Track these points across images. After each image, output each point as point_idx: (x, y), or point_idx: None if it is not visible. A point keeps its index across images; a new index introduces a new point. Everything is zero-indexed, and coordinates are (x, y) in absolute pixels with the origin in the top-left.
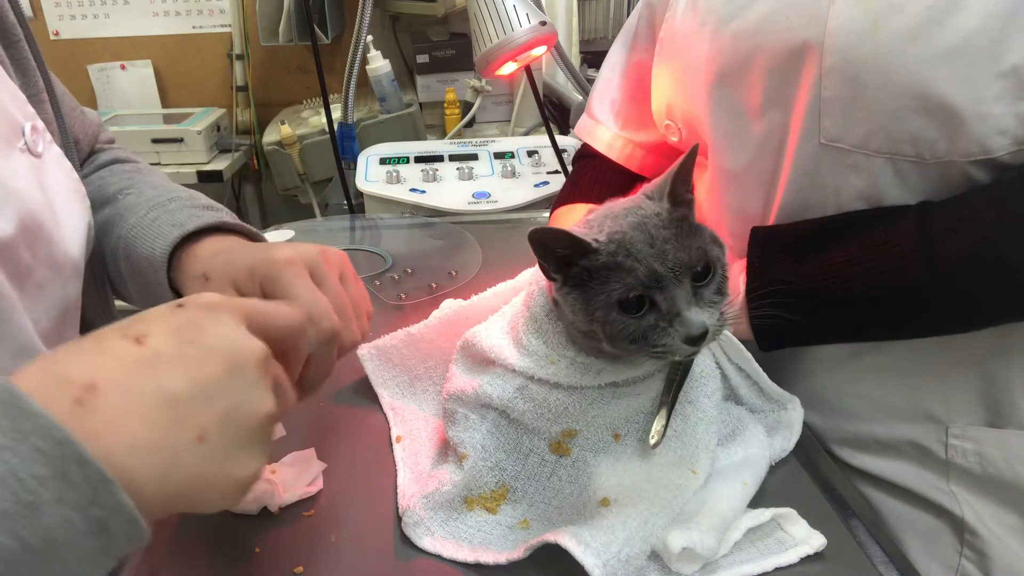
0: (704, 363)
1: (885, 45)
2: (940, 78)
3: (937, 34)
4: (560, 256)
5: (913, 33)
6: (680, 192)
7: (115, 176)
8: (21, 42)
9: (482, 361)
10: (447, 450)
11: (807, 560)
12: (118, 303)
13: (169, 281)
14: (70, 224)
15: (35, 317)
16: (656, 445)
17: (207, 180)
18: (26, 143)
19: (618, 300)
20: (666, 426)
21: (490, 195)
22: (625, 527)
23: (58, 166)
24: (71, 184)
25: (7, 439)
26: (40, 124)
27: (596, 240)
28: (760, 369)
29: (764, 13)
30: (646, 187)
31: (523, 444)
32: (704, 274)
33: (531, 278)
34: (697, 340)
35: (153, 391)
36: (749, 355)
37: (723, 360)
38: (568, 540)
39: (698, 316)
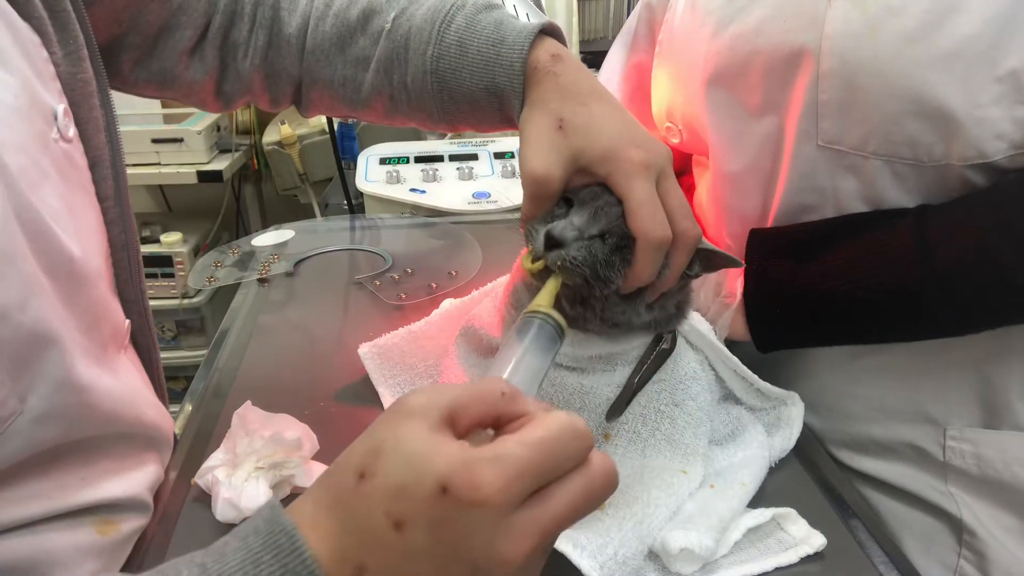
0: (689, 366)
1: (882, 48)
2: (937, 82)
3: (934, 38)
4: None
5: (910, 37)
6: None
7: None
8: None
9: (479, 347)
10: None
11: (807, 560)
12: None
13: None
14: (87, 224)
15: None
16: (611, 419)
17: (207, 180)
18: (58, 129)
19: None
20: (628, 403)
21: (490, 195)
22: (620, 528)
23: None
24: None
25: None
26: (66, 104)
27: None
28: (750, 371)
29: (762, 16)
30: None
31: None
32: (616, 241)
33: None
34: (550, 242)
35: None
36: (736, 359)
37: (716, 362)
38: (563, 543)
39: (565, 231)
